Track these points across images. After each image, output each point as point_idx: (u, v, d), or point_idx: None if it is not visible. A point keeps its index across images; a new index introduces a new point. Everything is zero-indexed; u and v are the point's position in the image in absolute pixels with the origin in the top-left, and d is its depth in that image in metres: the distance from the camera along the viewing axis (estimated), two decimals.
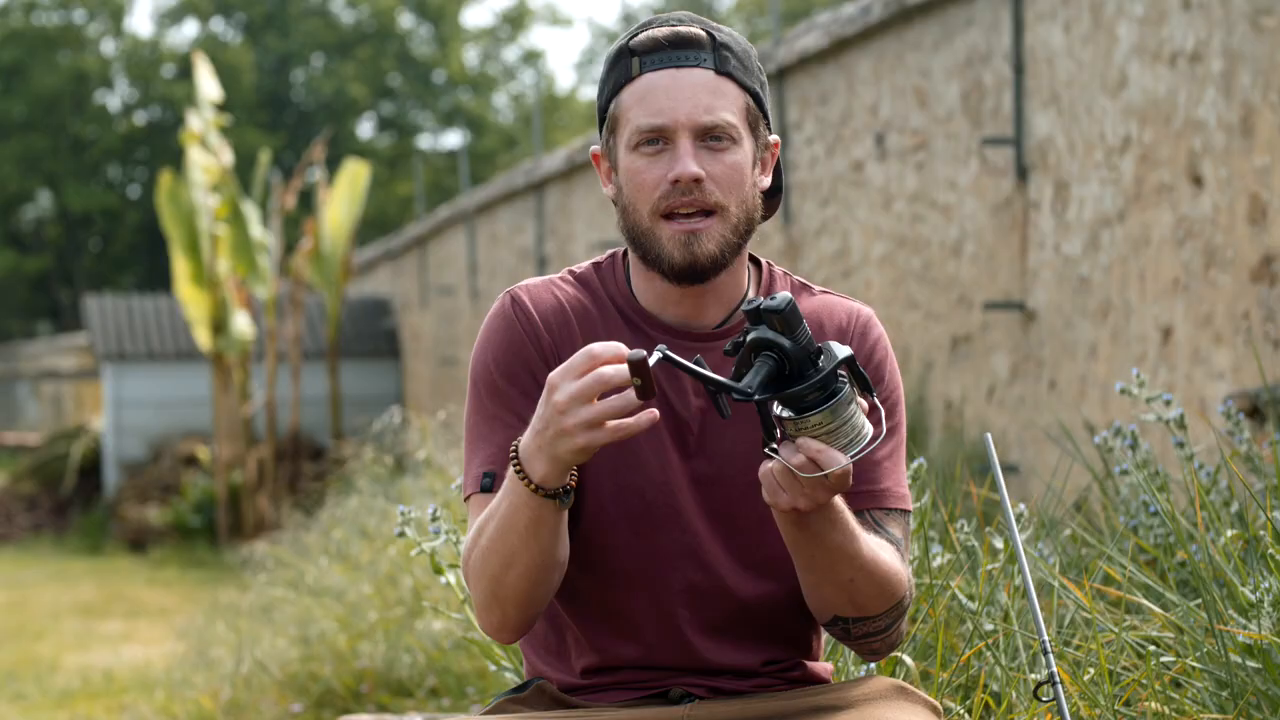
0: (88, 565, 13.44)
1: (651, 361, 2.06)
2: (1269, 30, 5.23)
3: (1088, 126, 6.30)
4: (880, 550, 2.26)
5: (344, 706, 5.92)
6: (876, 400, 2.14)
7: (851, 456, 2.08)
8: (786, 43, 8.66)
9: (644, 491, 2.32)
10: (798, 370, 2.07)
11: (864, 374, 2.12)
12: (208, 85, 13.51)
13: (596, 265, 2.42)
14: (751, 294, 2.38)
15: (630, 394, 2.06)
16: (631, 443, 2.31)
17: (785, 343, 2.06)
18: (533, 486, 2.13)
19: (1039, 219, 6.65)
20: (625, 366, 2.06)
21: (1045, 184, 6.60)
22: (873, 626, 2.29)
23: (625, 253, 2.42)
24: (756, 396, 2.06)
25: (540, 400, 2.11)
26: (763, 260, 2.43)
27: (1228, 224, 5.46)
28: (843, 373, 2.08)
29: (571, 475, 2.16)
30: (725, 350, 2.11)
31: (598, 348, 2.08)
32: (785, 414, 2.08)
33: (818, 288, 2.44)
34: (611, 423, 2.07)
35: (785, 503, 2.12)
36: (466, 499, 2.33)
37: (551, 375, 2.09)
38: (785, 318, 2.05)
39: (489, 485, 2.29)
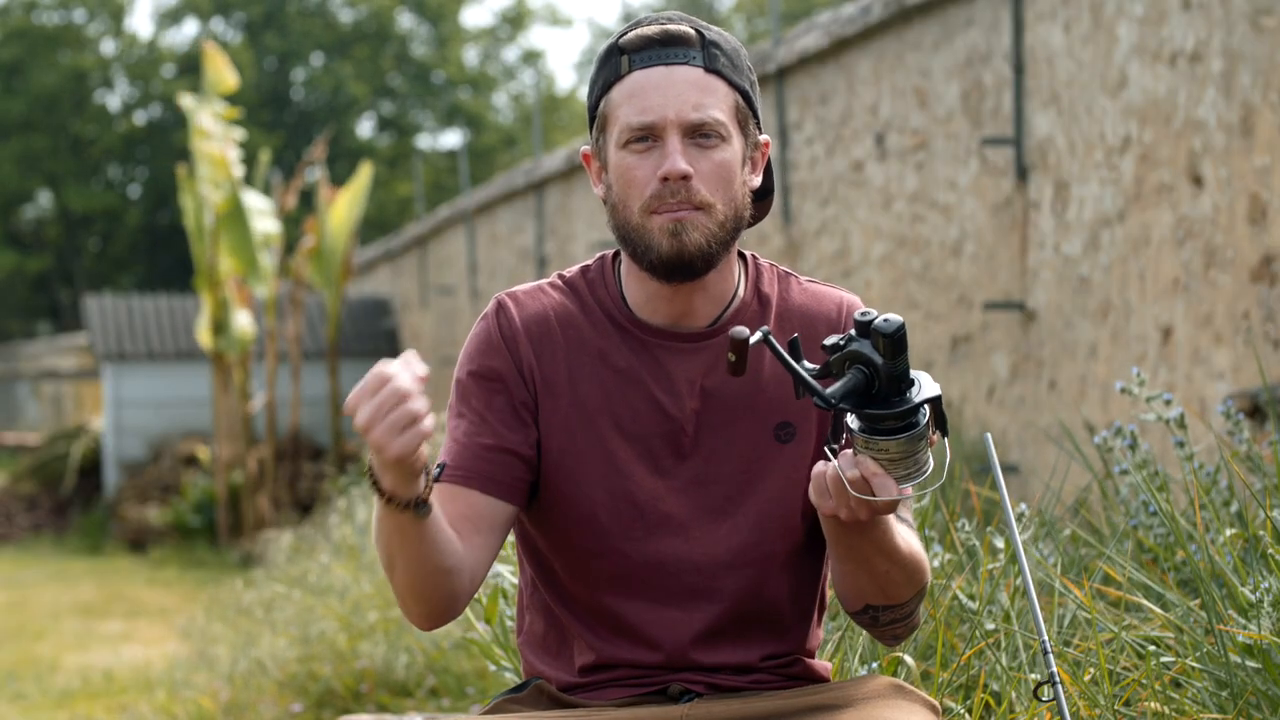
0: (88, 565, 13.44)
1: (752, 341, 2.06)
2: (1269, 30, 5.23)
3: (1088, 126, 6.30)
4: (912, 540, 2.28)
5: (344, 706, 5.93)
6: (946, 444, 2.14)
7: (903, 488, 2.08)
8: (786, 43, 8.66)
9: (635, 497, 2.32)
10: (884, 392, 2.05)
11: (945, 414, 2.10)
12: (220, 75, 13.40)
13: (585, 269, 2.42)
14: (742, 290, 2.38)
15: (418, 404, 2.07)
16: (622, 450, 2.31)
17: (880, 363, 2.04)
18: (385, 497, 2.16)
19: (1039, 219, 6.65)
20: (415, 378, 2.07)
21: (1045, 184, 6.60)
22: (900, 613, 2.33)
23: (615, 255, 2.42)
24: (838, 405, 2.05)
25: None
26: (748, 254, 2.42)
27: (1228, 224, 5.46)
28: (924, 408, 2.07)
29: (426, 488, 2.16)
30: (824, 345, 2.10)
31: (389, 367, 2.08)
32: (858, 427, 2.07)
33: (804, 278, 2.44)
34: (413, 429, 2.07)
35: (828, 509, 2.14)
36: None
37: (348, 401, 2.10)
38: (892, 342, 2.03)
39: (438, 476, 2.31)
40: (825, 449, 2.13)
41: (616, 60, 2.31)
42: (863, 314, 2.06)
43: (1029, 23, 6.68)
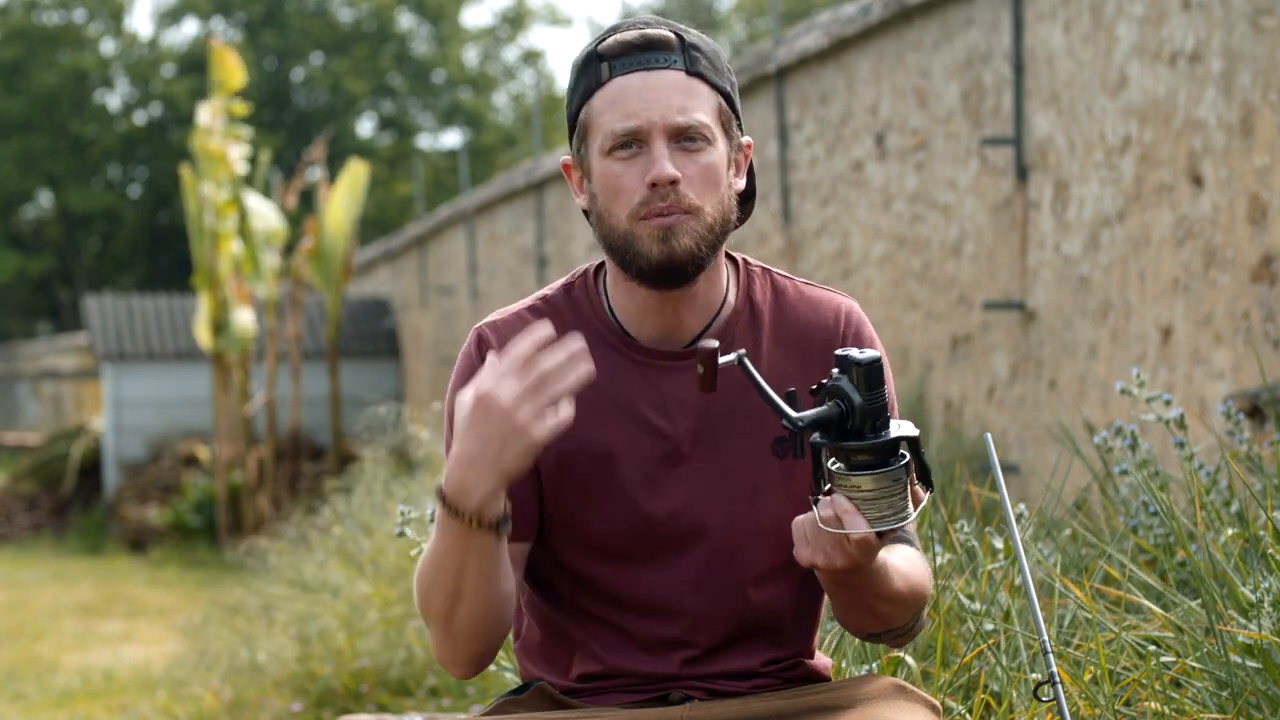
0: (88, 565, 13.43)
1: (722, 361, 2.05)
2: (1269, 30, 5.23)
3: (1088, 126, 6.30)
4: (911, 571, 2.25)
5: (344, 706, 5.93)
6: (924, 494, 2.11)
7: (877, 529, 2.06)
8: (786, 43, 8.66)
9: (633, 520, 2.30)
10: (859, 427, 2.05)
11: (926, 462, 2.09)
12: (229, 72, 13.35)
13: (568, 287, 2.38)
14: (732, 297, 2.36)
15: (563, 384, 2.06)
16: (618, 474, 2.29)
17: (854, 396, 2.04)
18: (469, 518, 2.11)
19: (1039, 219, 6.65)
20: (557, 352, 2.06)
21: (1045, 184, 6.60)
22: (900, 630, 2.32)
23: (598, 268, 2.39)
24: (802, 428, 2.04)
25: (471, 422, 2.08)
26: (739, 257, 2.39)
27: (1228, 224, 5.46)
28: (904, 450, 2.06)
29: (507, 500, 2.14)
30: (810, 390, 2.08)
31: (524, 345, 2.06)
32: (836, 467, 2.07)
33: (801, 281, 2.40)
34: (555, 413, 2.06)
35: (804, 558, 2.11)
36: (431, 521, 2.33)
37: (480, 386, 2.06)
38: (867, 374, 2.03)
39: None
40: (810, 499, 2.10)
41: (596, 67, 2.27)
42: (842, 350, 2.06)
43: (1029, 23, 6.68)
